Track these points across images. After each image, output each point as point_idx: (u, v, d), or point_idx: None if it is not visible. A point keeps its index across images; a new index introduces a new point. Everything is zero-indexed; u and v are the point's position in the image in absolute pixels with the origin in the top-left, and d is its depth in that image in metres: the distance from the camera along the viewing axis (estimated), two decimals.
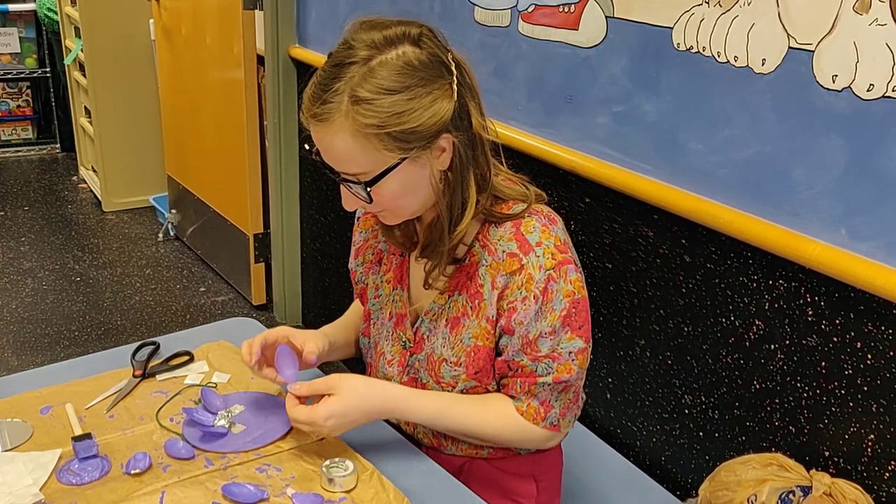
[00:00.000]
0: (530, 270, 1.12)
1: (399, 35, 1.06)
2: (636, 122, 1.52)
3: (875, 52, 1.13)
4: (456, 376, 1.21)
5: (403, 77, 1.04)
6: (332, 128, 1.05)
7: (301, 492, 1.12)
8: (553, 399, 1.19)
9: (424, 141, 1.06)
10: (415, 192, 1.12)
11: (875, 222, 1.18)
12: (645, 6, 1.45)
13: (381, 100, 1.03)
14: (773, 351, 1.38)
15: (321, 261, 2.85)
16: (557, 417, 1.21)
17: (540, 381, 1.16)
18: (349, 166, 1.08)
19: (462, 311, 1.20)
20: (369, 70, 1.04)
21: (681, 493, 1.58)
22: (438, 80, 1.06)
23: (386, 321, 1.29)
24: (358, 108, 1.03)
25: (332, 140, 1.06)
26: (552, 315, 1.13)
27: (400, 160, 1.07)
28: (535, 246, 1.13)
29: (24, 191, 4.34)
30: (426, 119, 1.05)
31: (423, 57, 1.06)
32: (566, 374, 1.16)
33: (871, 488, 1.25)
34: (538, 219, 1.16)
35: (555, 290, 1.12)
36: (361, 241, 1.36)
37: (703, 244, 1.46)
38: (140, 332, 3.00)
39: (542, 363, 1.15)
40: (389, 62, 1.04)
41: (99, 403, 1.30)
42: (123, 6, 3.77)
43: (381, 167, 1.07)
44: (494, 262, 1.15)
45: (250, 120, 2.90)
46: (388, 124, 1.03)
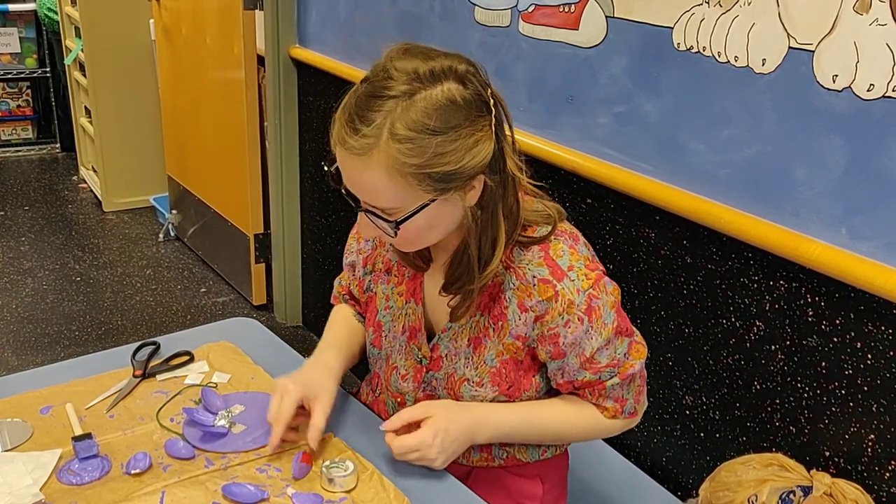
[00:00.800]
0: (569, 296, 1.10)
1: (445, 69, 1.00)
2: (637, 123, 1.52)
3: (875, 52, 1.13)
4: (476, 396, 1.20)
5: (448, 116, 0.99)
6: (367, 162, 1.00)
7: (301, 492, 1.12)
8: (625, 393, 1.21)
9: (462, 182, 1.03)
10: (439, 227, 1.09)
11: (875, 222, 1.18)
12: (645, 6, 1.45)
13: (424, 139, 0.98)
14: (773, 351, 1.38)
15: (322, 261, 2.85)
16: (633, 406, 1.23)
17: (609, 384, 1.18)
18: (378, 201, 1.04)
19: (484, 332, 1.18)
20: (412, 104, 0.98)
21: (682, 494, 1.58)
22: (480, 121, 1.02)
23: (399, 335, 1.26)
24: (399, 147, 0.98)
25: (365, 174, 1.01)
26: (605, 330, 1.13)
27: (431, 200, 1.03)
28: (567, 271, 1.11)
29: (25, 191, 4.34)
30: (468, 161, 1.01)
31: (468, 95, 1.01)
32: (630, 370, 1.18)
33: (872, 488, 1.25)
34: (564, 240, 1.14)
35: (600, 307, 1.12)
36: (369, 249, 1.31)
37: (704, 245, 1.46)
38: (140, 332, 3.00)
39: (605, 371, 1.17)
40: (434, 98, 0.99)
41: (99, 403, 1.30)
42: (123, 6, 3.77)
43: (413, 205, 1.03)
44: (522, 285, 1.13)
45: (251, 120, 2.90)
46: (429, 165, 0.99)
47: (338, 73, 2.41)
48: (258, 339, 1.53)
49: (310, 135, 2.73)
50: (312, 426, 1.18)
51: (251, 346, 1.48)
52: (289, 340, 1.60)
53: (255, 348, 1.48)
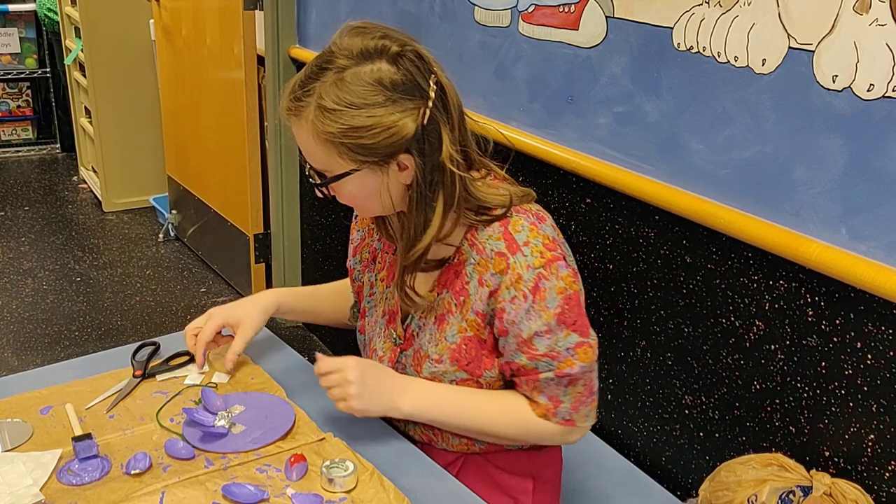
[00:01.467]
0: (519, 270, 1.12)
1: (377, 49, 1.08)
2: (637, 123, 1.52)
3: (875, 52, 1.13)
4: (436, 372, 1.22)
5: (369, 94, 1.06)
6: (299, 123, 1.11)
7: (301, 492, 1.12)
8: (561, 394, 1.19)
9: (379, 157, 1.09)
10: (375, 197, 1.14)
11: (875, 222, 1.18)
12: (645, 6, 1.45)
13: (342, 111, 1.06)
14: (773, 351, 1.38)
15: (322, 261, 2.85)
16: (569, 412, 1.20)
17: (542, 377, 1.17)
18: (312, 161, 1.14)
19: (447, 308, 1.21)
20: (340, 80, 1.07)
21: (681, 494, 1.58)
22: (405, 102, 1.07)
23: (379, 318, 1.31)
24: (318, 114, 1.07)
25: (298, 135, 1.13)
26: (546, 314, 1.13)
27: (354, 170, 1.11)
28: (522, 245, 1.13)
29: (25, 191, 4.34)
30: (382, 139, 1.07)
31: (397, 77, 1.07)
32: (568, 368, 1.15)
33: (872, 488, 1.25)
34: (526, 217, 1.16)
35: (547, 288, 1.12)
36: (358, 239, 1.38)
37: (704, 245, 1.46)
38: (140, 332, 3.00)
39: (542, 361, 1.15)
40: (361, 76, 1.07)
41: (99, 403, 1.30)
42: (123, 6, 3.77)
43: (338, 170, 1.12)
44: (483, 259, 1.16)
45: (251, 120, 2.90)
46: (346, 135, 1.07)
47: None
48: (258, 339, 1.53)
49: None
50: (230, 350, 1.35)
51: (251, 347, 1.48)
52: (289, 340, 1.60)
53: (255, 348, 1.48)
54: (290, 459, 1.15)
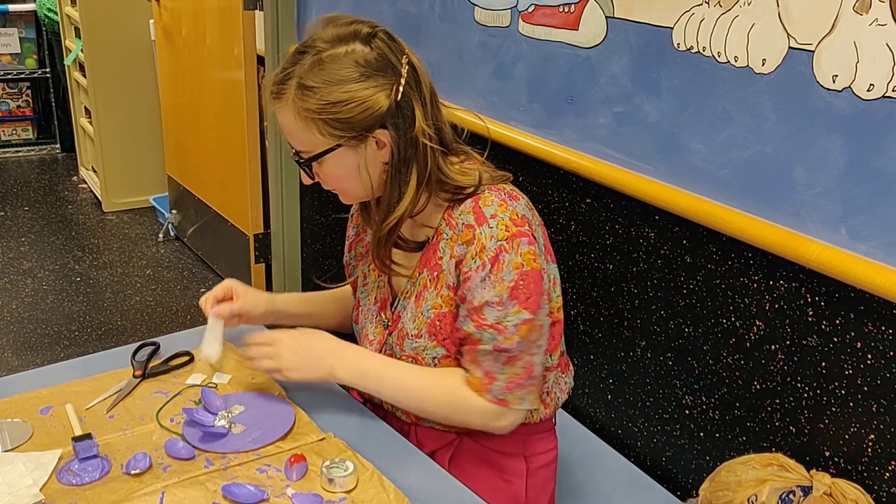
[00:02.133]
0: (483, 240, 1.16)
1: (350, 34, 1.16)
2: (637, 123, 1.51)
3: (875, 52, 1.13)
4: (417, 348, 1.24)
5: (345, 71, 1.14)
6: (281, 105, 1.17)
7: (301, 492, 1.12)
8: (497, 370, 1.20)
9: (357, 132, 1.15)
10: (355, 178, 1.20)
11: (875, 222, 1.18)
12: (645, 6, 1.45)
13: (320, 88, 1.14)
14: (773, 351, 1.38)
15: (322, 261, 2.85)
16: (503, 391, 1.21)
17: (481, 348, 1.18)
18: (295, 143, 1.20)
19: (424, 285, 1.24)
20: (318, 61, 1.14)
21: (681, 494, 1.58)
22: (378, 78, 1.15)
23: (371, 306, 1.36)
24: (298, 93, 1.15)
25: (281, 117, 1.19)
26: (500, 285, 1.15)
27: (335, 146, 1.17)
28: (489, 218, 1.17)
29: (25, 191, 4.35)
30: (357, 112, 1.14)
31: (371, 56, 1.15)
32: (507, 344, 1.17)
33: (872, 488, 1.25)
34: (497, 194, 1.20)
35: (505, 261, 1.15)
36: (353, 235, 1.44)
37: (704, 245, 1.46)
38: (140, 332, 3.00)
39: (487, 332, 1.17)
40: (336, 57, 1.14)
41: (99, 404, 1.30)
42: (123, 6, 3.77)
43: (319, 148, 1.18)
44: (454, 234, 1.20)
45: (251, 120, 2.90)
46: (324, 111, 1.14)
47: None
48: None
49: None
50: (231, 305, 1.40)
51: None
52: None
53: None
54: (290, 459, 1.15)
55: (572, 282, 1.74)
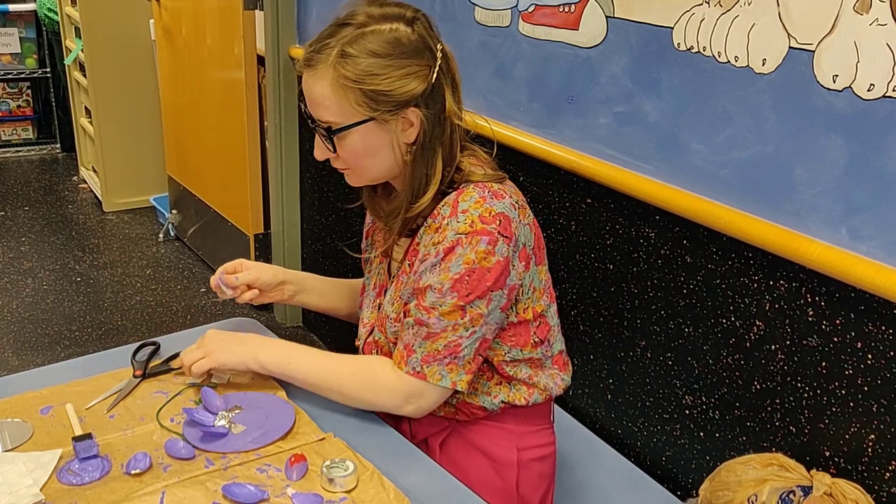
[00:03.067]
0: (446, 231, 1.19)
1: (395, 14, 1.19)
2: (637, 123, 1.52)
3: (875, 52, 1.13)
4: (397, 332, 1.27)
5: (388, 47, 1.16)
6: (316, 74, 1.18)
7: (301, 492, 1.12)
8: (416, 344, 1.22)
9: (392, 107, 1.17)
10: (376, 155, 1.22)
11: (875, 222, 1.18)
12: (645, 6, 1.45)
13: (363, 59, 1.15)
14: (773, 351, 1.38)
15: (322, 261, 2.85)
16: (420, 363, 1.21)
17: (407, 320, 1.22)
18: (322, 113, 1.19)
19: (402, 269, 1.28)
20: (361, 34, 1.16)
21: (681, 494, 1.58)
22: (418, 59, 1.18)
23: (370, 291, 1.40)
24: (341, 61, 1.16)
25: (314, 85, 1.18)
26: (445, 274, 1.18)
27: (367, 118, 1.17)
28: (460, 212, 1.19)
29: (25, 191, 4.35)
30: (397, 87, 1.16)
31: (412, 37, 1.18)
32: (424, 316, 1.20)
33: (872, 488, 1.25)
34: (479, 191, 1.21)
35: (457, 254, 1.17)
36: (370, 222, 1.48)
37: (704, 245, 1.46)
38: (140, 332, 3.00)
39: (421, 312, 1.20)
40: (380, 32, 1.17)
41: (99, 403, 1.30)
42: (123, 6, 3.77)
43: (349, 120, 1.18)
44: (433, 223, 1.23)
45: (251, 120, 2.90)
46: (363, 81, 1.15)
47: None
48: None
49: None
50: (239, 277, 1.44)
51: None
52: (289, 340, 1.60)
53: None
54: (291, 459, 1.15)
55: (572, 282, 1.74)
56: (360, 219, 2.51)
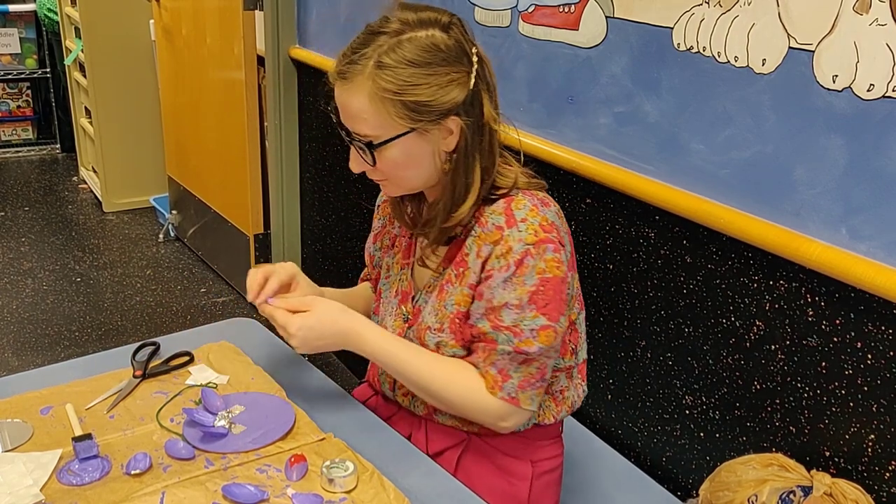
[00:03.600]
0: (510, 242, 1.16)
1: (431, 19, 1.15)
2: (637, 123, 1.52)
3: (875, 52, 1.13)
4: (439, 342, 1.24)
5: (427, 54, 1.12)
6: (352, 86, 1.13)
7: (301, 492, 1.12)
8: (512, 369, 1.20)
9: (434, 117, 1.14)
10: (417, 166, 1.19)
11: (875, 222, 1.18)
12: (645, 6, 1.45)
13: (402, 69, 1.11)
14: (773, 351, 1.38)
15: (322, 262, 2.85)
16: (515, 389, 1.20)
17: (499, 348, 1.19)
18: (361, 127, 1.15)
19: (447, 278, 1.25)
20: (398, 42, 1.13)
21: (682, 494, 1.58)
22: (457, 66, 1.15)
23: (392, 298, 1.35)
24: (379, 73, 1.12)
25: (351, 98, 1.14)
26: (521, 289, 1.16)
27: (408, 130, 1.14)
28: (519, 221, 1.17)
29: (25, 191, 4.35)
30: (439, 96, 1.13)
31: (450, 42, 1.14)
32: (526, 347, 1.17)
33: (872, 488, 1.25)
34: (530, 199, 1.20)
35: (529, 266, 1.15)
36: (380, 227, 1.44)
37: (704, 245, 1.46)
38: (140, 332, 3.00)
39: (503, 333, 1.17)
40: (417, 39, 1.13)
41: (99, 404, 1.30)
42: (123, 6, 3.77)
43: (390, 133, 1.15)
44: (483, 233, 1.20)
45: (251, 121, 2.90)
46: (404, 92, 1.12)
47: None
48: (258, 340, 1.53)
49: (310, 135, 2.73)
50: (287, 296, 1.31)
51: (251, 347, 1.48)
52: None
53: (255, 348, 1.48)
54: (291, 459, 1.15)
55: None
56: (360, 219, 2.52)
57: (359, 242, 2.60)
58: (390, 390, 1.38)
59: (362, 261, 1.51)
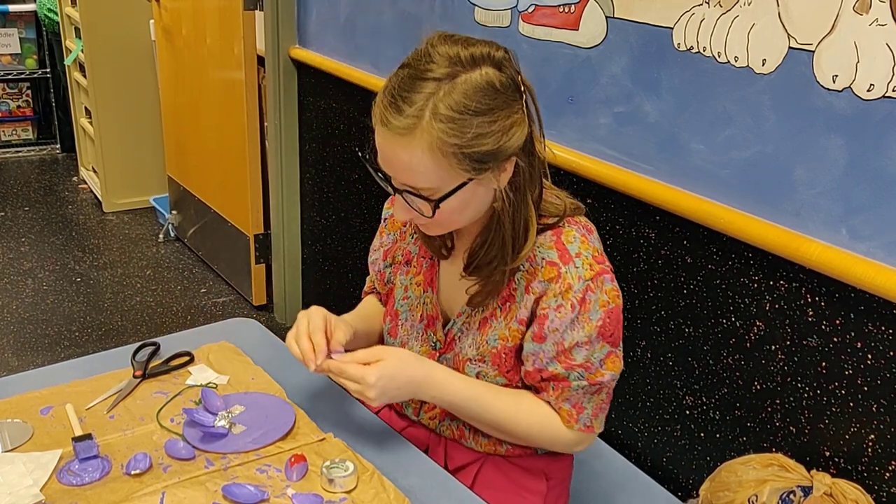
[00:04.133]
0: (569, 280, 1.12)
1: (484, 55, 1.04)
2: (637, 123, 1.52)
3: (875, 52, 1.13)
4: (480, 373, 1.22)
5: (487, 99, 1.02)
6: (410, 142, 1.03)
7: (301, 492, 1.12)
8: (585, 401, 1.19)
9: (497, 163, 1.06)
10: (470, 209, 1.12)
11: (875, 222, 1.18)
12: (645, 6, 1.45)
13: (465, 120, 1.01)
14: (773, 351, 1.38)
15: (322, 262, 2.85)
16: (590, 418, 1.21)
17: (573, 385, 1.17)
18: (417, 180, 1.06)
19: (492, 313, 1.20)
20: (453, 87, 1.02)
21: (682, 494, 1.58)
22: (515, 105, 1.06)
23: (416, 322, 1.29)
24: (441, 126, 1.01)
25: (403, 152, 1.04)
26: (589, 325, 1.13)
27: (469, 179, 1.06)
28: (574, 257, 1.13)
29: (25, 191, 4.34)
30: (505, 142, 1.04)
31: (504, 79, 1.05)
32: (599, 378, 1.16)
33: (872, 488, 1.25)
34: (577, 229, 1.16)
35: (592, 301, 1.13)
36: (390, 242, 1.36)
37: (705, 245, 1.46)
38: (140, 332, 3.00)
39: (576, 371, 1.16)
40: (474, 81, 1.02)
41: (99, 404, 1.30)
42: (123, 6, 3.77)
43: (452, 185, 1.06)
44: (532, 267, 1.15)
45: (251, 121, 2.90)
46: (470, 145, 1.02)
47: (338, 74, 2.41)
48: (258, 340, 1.53)
49: (310, 135, 2.73)
50: (334, 341, 1.20)
51: (251, 347, 1.48)
52: None
53: (255, 349, 1.48)
54: (291, 460, 1.15)
55: None
56: (360, 219, 2.52)
57: (359, 242, 2.60)
58: (415, 414, 1.35)
59: (362, 261, 1.50)
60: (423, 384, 1.18)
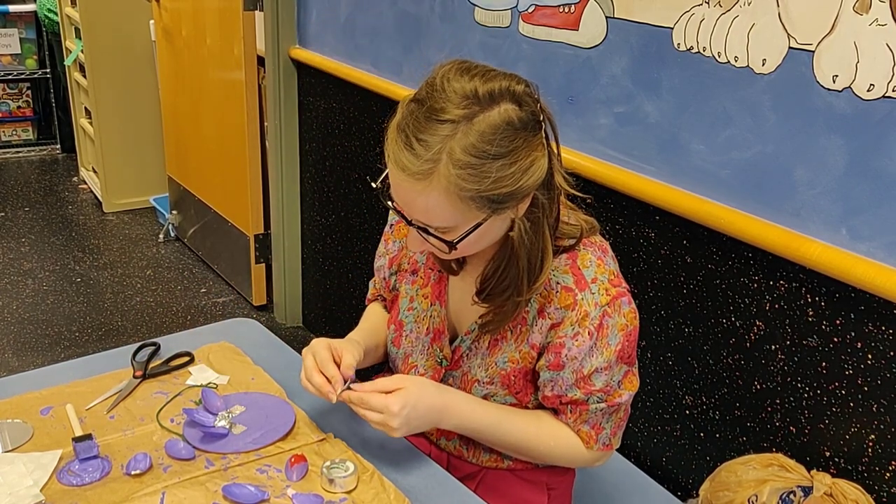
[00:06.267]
0: (585, 307, 1.10)
1: (503, 90, 1.00)
2: (637, 123, 1.52)
3: (875, 52, 1.13)
4: (488, 394, 1.21)
5: (506, 140, 0.98)
6: (426, 186, 0.99)
7: (301, 492, 1.12)
8: (604, 421, 1.19)
9: (517, 201, 1.03)
10: (486, 239, 1.09)
11: (875, 222, 1.18)
12: (645, 6, 1.45)
13: (484, 164, 0.97)
14: (773, 351, 1.38)
15: (322, 262, 2.85)
16: (609, 437, 1.21)
17: (591, 408, 1.17)
18: (433, 220, 1.04)
19: (502, 335, 1.19)
20: (471, 128, 0.97)
21: (682, 494, 1.58)
22: (535, 140, 1.01)
23: (422, 335, 1.27)
24: (459, 172, 0.97)
25: (421, 197, 1.01)
26: (608, 350, 1.12)
27: (488, 217, 1.03)
28: (590, 282, 1.11)
29: (25, 192, 4.34)
30: (525, 181, 1.01)
31: (524, 116, 1.00)
32: (618, 398, 1.16)
33: (872, 488, 1.25)
34: (593, 251, 1.14)
35: (610, 326, 1.11)
36: (396, 250, 1.33)
37: (705, 245, 1.46)
38: (141, 332, 3.00)
39: (595, 395, 1.15)
40: (492, 121, 0.98)
41: (99, 404, 1.30)
42: (124, 7, 3.77)
43: (469, 224, 1.04)
44: (546, 291, 1.13)
45: (251, 121, 2.90)
46: (489, 189, 0.99)
47: (338, 74, 2.41)
48: (258, 340, 1.53)
49: (310, 135, 2.73)
50: (344, 365, 1.17)
51: (251, 347, 1.48)
52: (289, 341, 1.60)
53: (255, 349, 1.48)
54: (291, 460, 1.15)
55: None
56: (360, 219, 2.52)
57: (359, 242, 2.60)
58: (431, 435, 1.34)
59: (362, 261, 1.50)
60: (445, 412, 1.16)
